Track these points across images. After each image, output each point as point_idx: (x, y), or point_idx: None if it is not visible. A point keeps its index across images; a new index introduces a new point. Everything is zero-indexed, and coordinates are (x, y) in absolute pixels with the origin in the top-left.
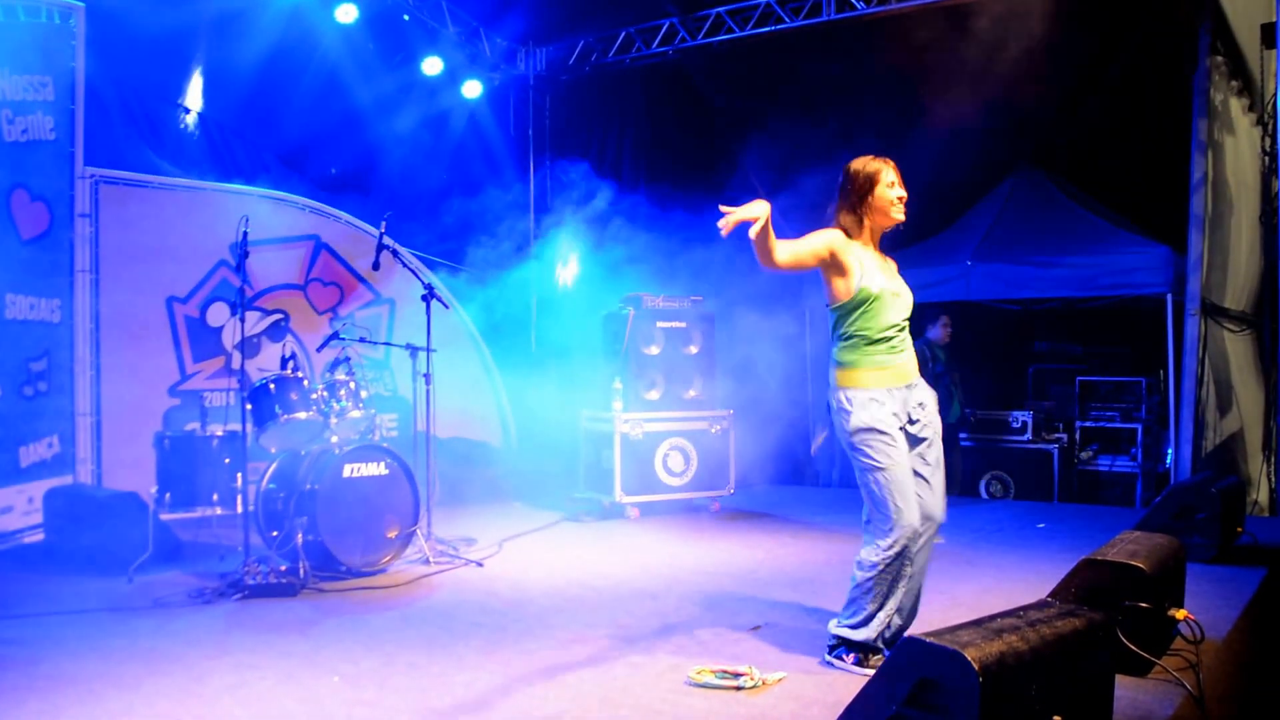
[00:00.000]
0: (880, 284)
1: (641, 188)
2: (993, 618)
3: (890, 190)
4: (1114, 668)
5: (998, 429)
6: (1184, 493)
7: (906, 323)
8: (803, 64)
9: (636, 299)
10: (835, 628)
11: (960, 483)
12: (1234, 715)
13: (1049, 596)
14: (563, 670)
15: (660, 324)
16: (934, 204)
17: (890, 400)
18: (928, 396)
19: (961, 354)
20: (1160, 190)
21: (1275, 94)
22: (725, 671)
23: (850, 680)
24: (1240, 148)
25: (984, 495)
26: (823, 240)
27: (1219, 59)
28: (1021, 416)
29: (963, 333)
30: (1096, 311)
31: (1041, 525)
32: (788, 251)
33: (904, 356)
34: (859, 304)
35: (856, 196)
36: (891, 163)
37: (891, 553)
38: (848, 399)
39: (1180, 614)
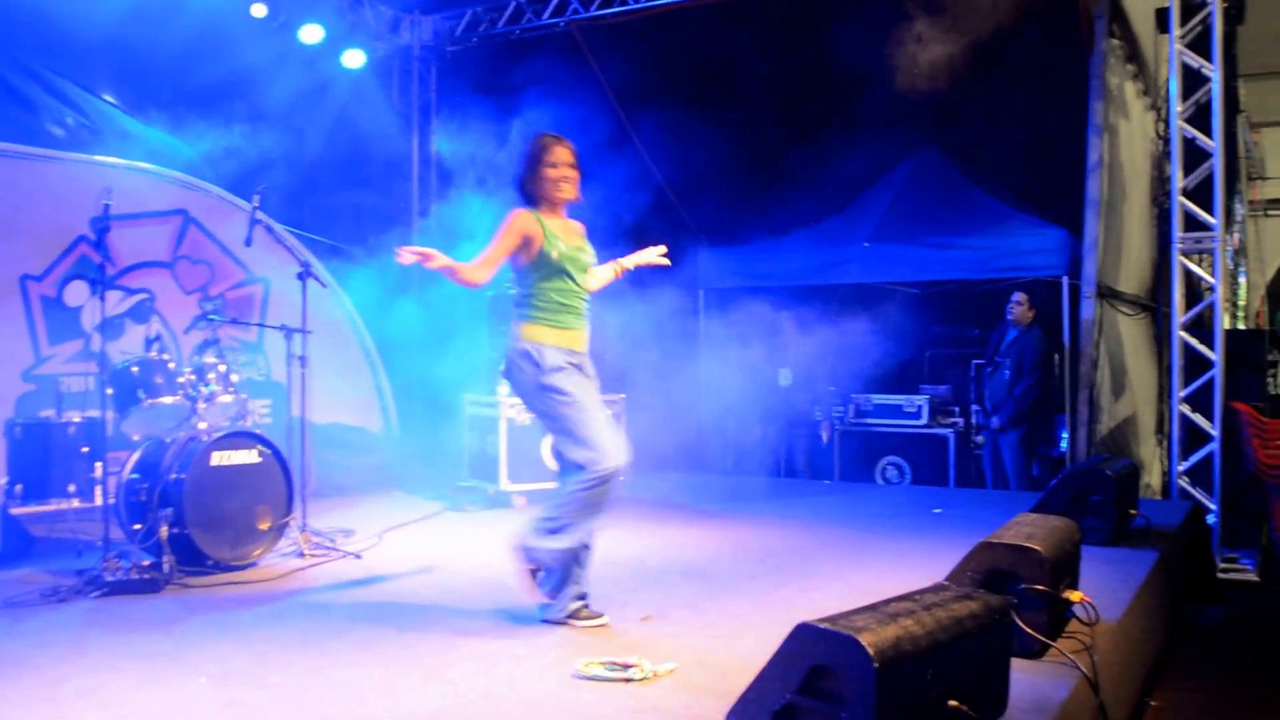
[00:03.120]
0: (561, 250)
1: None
2: (888, 602)
3: (553, 170)
4: (1010, 651)
5: (894, 413)
6: (1079, 476)
7: (586, 290)
8: (697, 40)
9: None
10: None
11: (856, 468)
12: (1127, 696)
13: (945, 580)
14: (445, 665)
15: None
16: (832, 185)
17: (568, 359)
18: (593, 371)
19: (860, 336)
20: (1057, 173)
21: (1168, 78)
22: (614, 663)
23: (743, 669)
24: (1135, 132)
25: (880, 480)
26: (511, 230)
27: (1115, 42)
28: (917, 401)
29: (859, 315)
30: (995, 294)
31: (938, 510)
32: (486, 268)
33: (582, 322)
34: (542, 267)
35: (529, 170)
36: (562, 141)
37: (596, 476)
38: (534, 350)
39: (1075, 596)
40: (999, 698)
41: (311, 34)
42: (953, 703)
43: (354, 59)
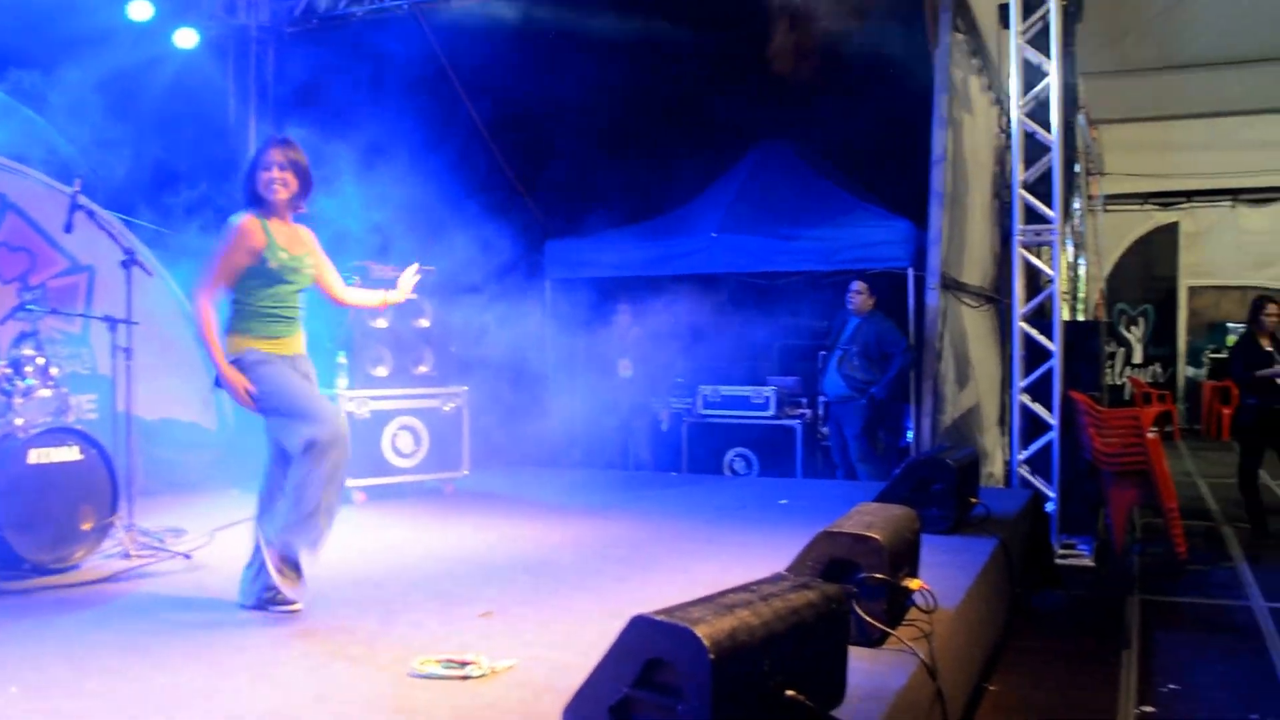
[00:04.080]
0: (281, 259)
1: (374, 151)
2: (725, 593)
3: (265, 171)
4: (848, 640)
5: (742, 405)
6: (921, 466)
7: (300, 296)
8: (542, 26)
9: (363, 268)
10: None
11: (703, 460)
12: (965, 681)
13: (786, 571)
14: (275, 666)
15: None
16: (680, 175)
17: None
18: (311, 370)
19: (708, 328)
20: (903, 165)
21: (1010, 73)
22: (451, 661)
23: (583, 665)
24: (979, 125)
25: (728, 472)
26: (231, 246)
27: (960, 37)
28: (765, 392)
29: (708, 306)
30: (842, 285)
31: (784, 501)
32: (211, 295)
33: (295, 328)
34: (259, 275)
35: (249, 172)
36: (284, 142)
37: (323, 444)
38: (241, 358)
39: (915, 584)
40: (837, 686)
41: (140, 10)
42: (790, 693)
43: (186, 38)
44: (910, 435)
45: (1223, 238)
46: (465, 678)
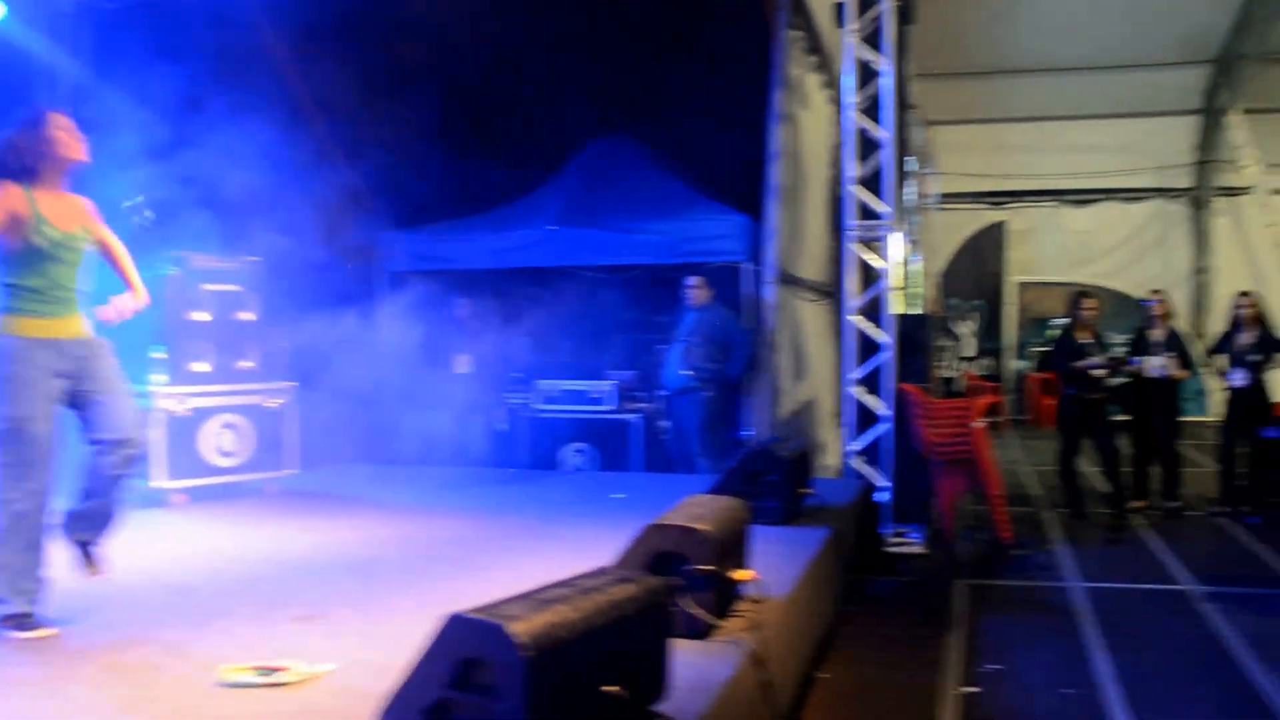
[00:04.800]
0: (51, 236)
1: (197, 132)
2: (544, 589)
3: (39, 137)
4: (670, 633)
5: (580, 399)
6: (754, 457)
7: (78, 275)
8: (374, 11)
9: (181, 258)
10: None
11: (542, 455)
12: (795, 670)
13: (615, 564)
14: (70, 679)
15: (209, 286)
16: (518, 167)
17: (46, 351)
18: (93, 353)
19: (548, 322)
20: (741, 159)
21: (844, 70)
22: (264, 668)
23: (403, 667)
24: (816, 121)
25: (566, 467)
26: None
27: (797, 34)
28: (603, 386)
29: (548, 300)
30: (681, 279)
31: (620, 495)
32: None
33: (72, 310)
34: (27, 253)
35: (23, 139)
36: (45, 111)
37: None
38: (7, 343)
39: (744, 575)
40: (659, 681)
41: None
42: (610, 688)
43: None
44: (749, 429)
45: (1048, 236)
46: (278, 685)
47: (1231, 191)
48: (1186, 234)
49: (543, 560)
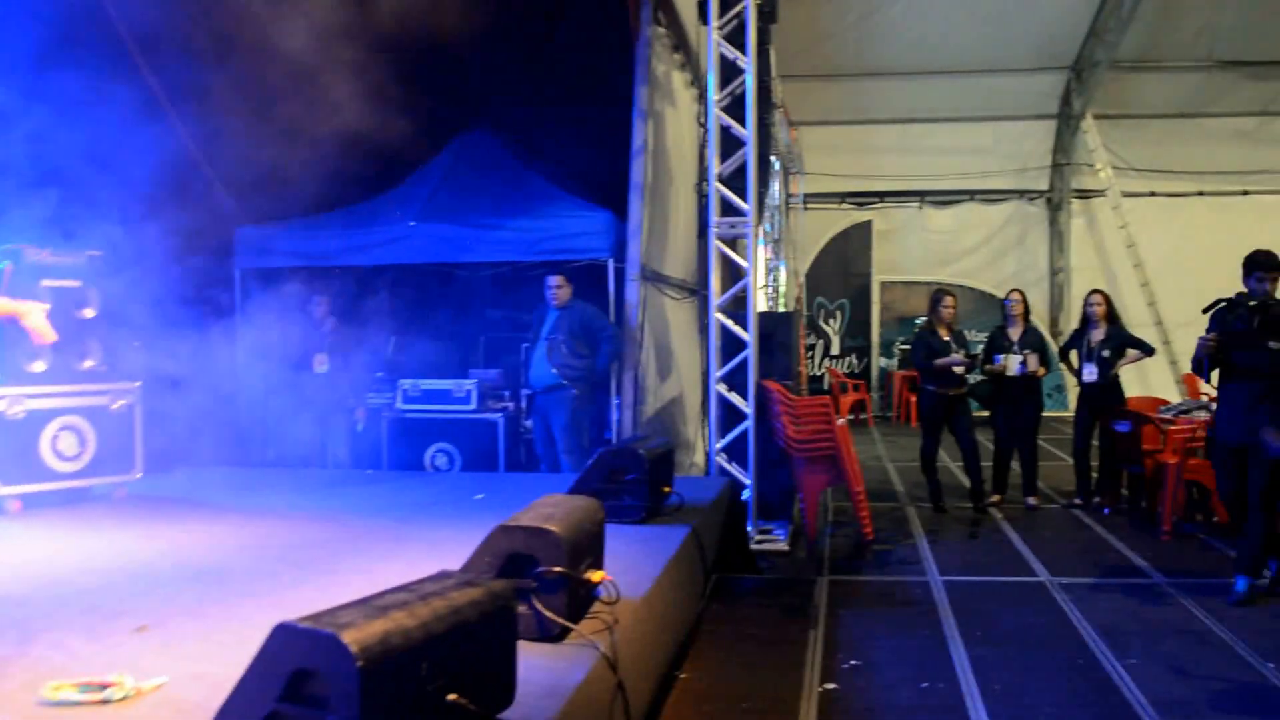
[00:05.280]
0: None
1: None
2: (381, 594)
3: None
4: (516, 637)
5: (443, 399)
6: (613, 456)
7: None
8: None
9: (16, 251)
10: None
11: (404, 456)
12: (652, 671)
13: (463, 568)
14: None
15: (47, 282)
16: (379, 161)
17: None
18: None
19: (409, 320)
20: (605, 156)
21: (708, 68)
22: (90, 684)
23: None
24: (681, 119)
25: (429, 468)
26: None
27: (661, 30)
28: (466, 385)
29: (411, 298)
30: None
31: (480, 496)
32: None
33: None
34: None
35: None
36: None
37: None
38: None
39: (597, 576)
40: (505, 687)
41: None
42: (451, 696)
43: None
44: (612, 427)
45: (911, 236)
46: (105, 701)
47: (1086, 194)
48: (1044, 235)
49: (399, 564)
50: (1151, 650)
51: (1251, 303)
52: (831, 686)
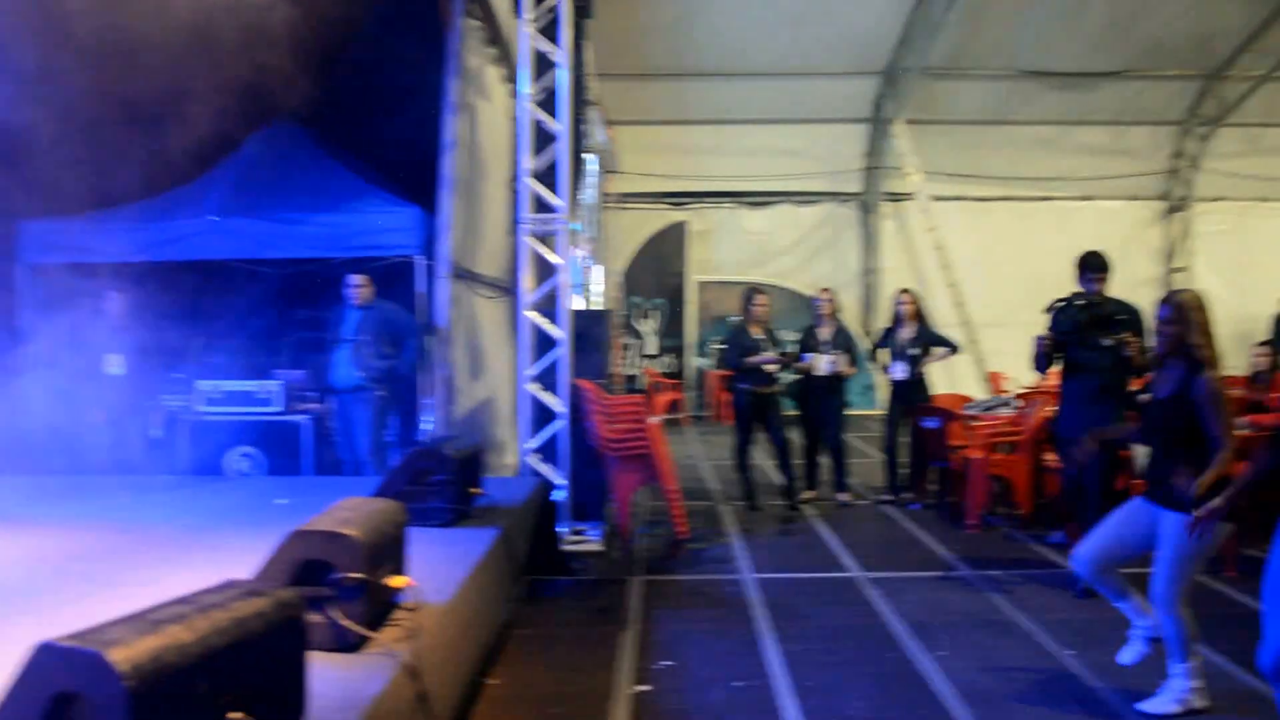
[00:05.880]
0: None
1: None
2: (156, 608)
3: None
4: (307, 648)
5: (245, 400)
6: (419, 457)
7: None
8: None
9: None
10: None
11: (204, 460)
12: (457, 678)
13: (256, 575)
14: None
15: None
16: (178, 153)
17: None
18: None
19: (211, 319)
20: (416, 150)
21: (520, 61)
22: None
23: None
24: (495, 114)
25: (230, 473)
26: None
27: (475, 23)
28: (270, 386)
29: (212, 296)
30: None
31: (283, 501)
32: None
33: None
34: None
35: None
36: None
37: None
38: None
39: (399, 582)
40: (294, 702)
41: None
42: (234, 715)
43: None
44: (423, 428)
45: (727, 237)
46: None
47: (896, 197)
48: (856, 236)
49: (188, 574)
50: (959, 642)
51: (1081, 302)
52: (644, 688)
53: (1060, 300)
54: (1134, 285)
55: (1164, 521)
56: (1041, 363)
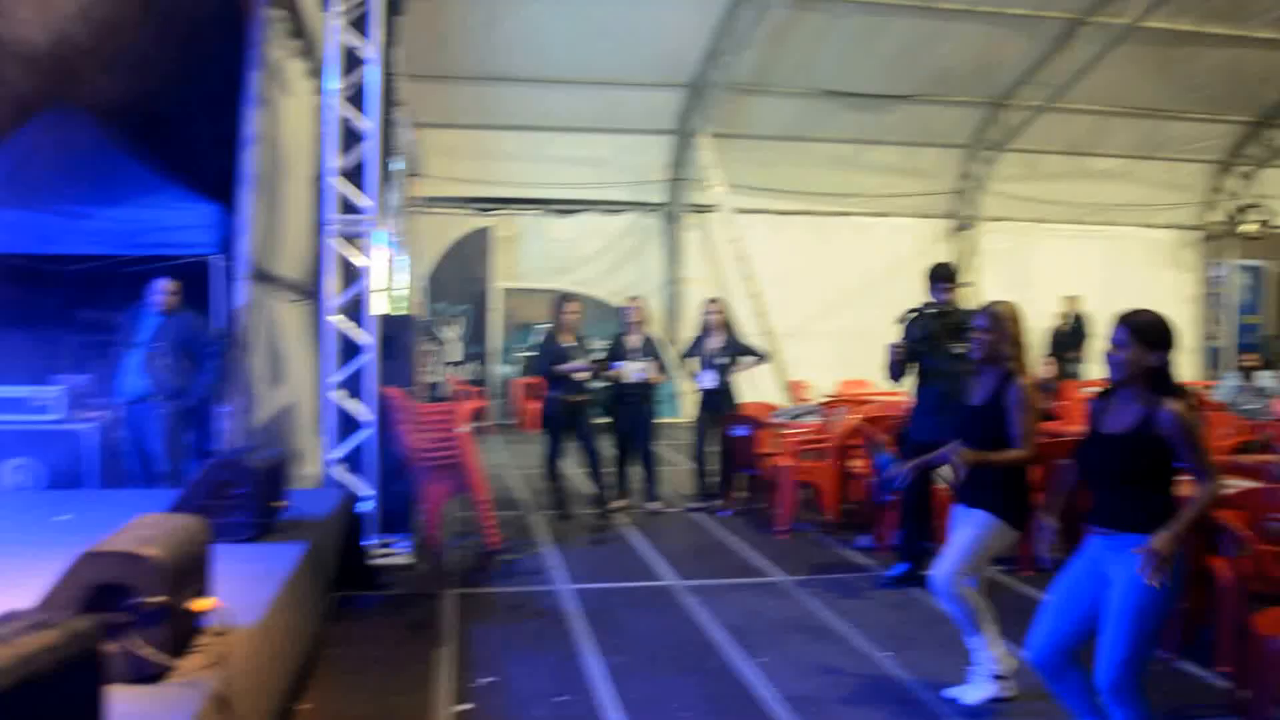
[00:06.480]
0: None
1: None
2: None
3: None
4: (105, 682)
5: (20, 408)
6: (219, 469)
7: None
8: None
9: None
10: None
11: None
12: (269, 704)
13: (39, 604)
14: None
15: None
16: None
17: None
18: None
19: None
20: (213, 145)
21: (329, 55)
22: None
23: None
24: (299, 110)
25: (3, 486)
26: None
27: (278, 14)
28: (50, 392)
29: None
30: (148, 274)
31: (66, 517)
32: None
33: None
34: None
35: None
36: None
37: None
38: None
39: (205, 604)
40: None
41: None
42: None
43: None
44: (218, 438)
45: (532, 244)
46: None
47: (700, 208)
48: (660, 246)
49: None
50: (779, 648)
51: (932, 311)
52: (465, 707)
53: (913, 310)
54: (920, 296)
55: (969, 517)
56: (895, 371)
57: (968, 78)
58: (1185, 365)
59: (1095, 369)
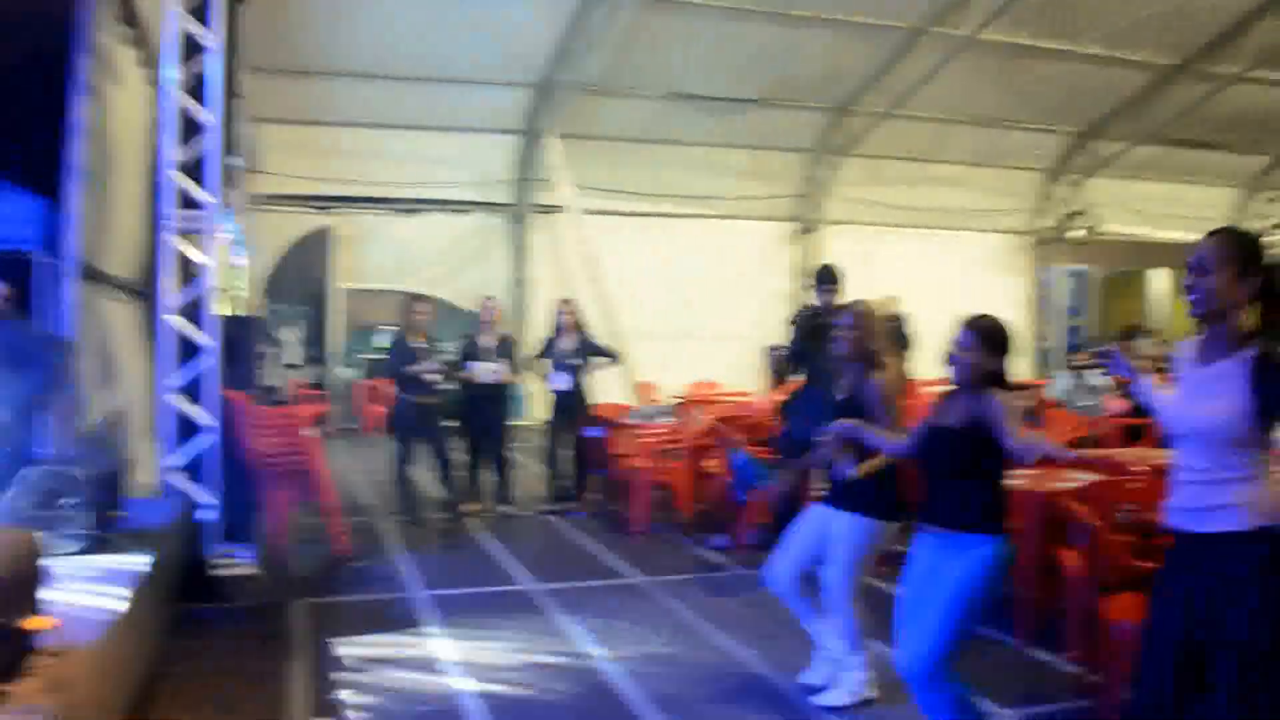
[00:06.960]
0: None
1: None
2: None
3: None
4: None
5: None
6: (47, 478)
7: None
8: None
9: None
10: None
11: None
12: None
13: None
14: None
15: None
16: None
17: None
18: None
19: None
20: (37, 134)
21: (167, 43)
22: None
23: None
24: (131, 101)
25: None
26: None
27: None
28: None
29: None
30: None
31: None
32: None
33: None
34: None
35: None
36: None
37: None
38: None
39: (39, 623)
40: None
41: None
42: None
43: None
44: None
45: (375, 244)
46: None
47: (548, 209)
48: (507, 247)
49: None
50: (643, 649)
51: (811, 313)
52: None
53: (799, 312)
54: (766, 298)
55: (838, 522)
56: (777, 372)
57: (814, 84)
58: (1019, 365)
59: (918, 368)
